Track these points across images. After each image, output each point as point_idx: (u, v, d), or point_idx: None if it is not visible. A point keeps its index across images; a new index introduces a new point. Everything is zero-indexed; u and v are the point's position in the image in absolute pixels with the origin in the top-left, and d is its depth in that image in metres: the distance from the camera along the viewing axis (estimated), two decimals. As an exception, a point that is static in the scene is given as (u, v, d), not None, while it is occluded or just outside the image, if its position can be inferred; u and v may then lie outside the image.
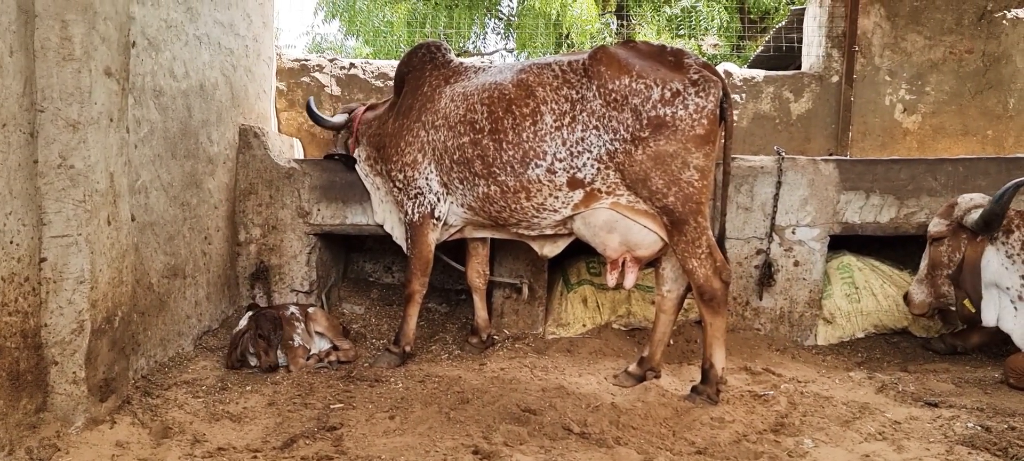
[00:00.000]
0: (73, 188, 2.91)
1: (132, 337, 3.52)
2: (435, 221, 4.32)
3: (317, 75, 6.42)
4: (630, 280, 4.01)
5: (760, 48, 8.40)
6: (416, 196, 4.32)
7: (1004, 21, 6.15)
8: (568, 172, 3.84)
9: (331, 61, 6.51)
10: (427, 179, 4.28)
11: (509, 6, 14.70)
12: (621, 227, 3.91)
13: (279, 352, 4.19)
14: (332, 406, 3.58)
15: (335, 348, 4.39)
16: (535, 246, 4.37)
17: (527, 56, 12.85)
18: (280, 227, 5.06)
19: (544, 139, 3.85)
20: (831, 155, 5.96)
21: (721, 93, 3.67)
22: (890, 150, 6.31)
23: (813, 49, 6.52)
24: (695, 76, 3.65)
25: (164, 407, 3.44)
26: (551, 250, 4.36)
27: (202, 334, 4.54)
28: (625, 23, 13.04)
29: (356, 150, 4.79)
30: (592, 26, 12.08)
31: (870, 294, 4.95)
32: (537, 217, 4.03)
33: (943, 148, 6.29)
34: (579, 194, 3.88)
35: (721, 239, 3.94)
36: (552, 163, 3.85)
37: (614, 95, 3.71)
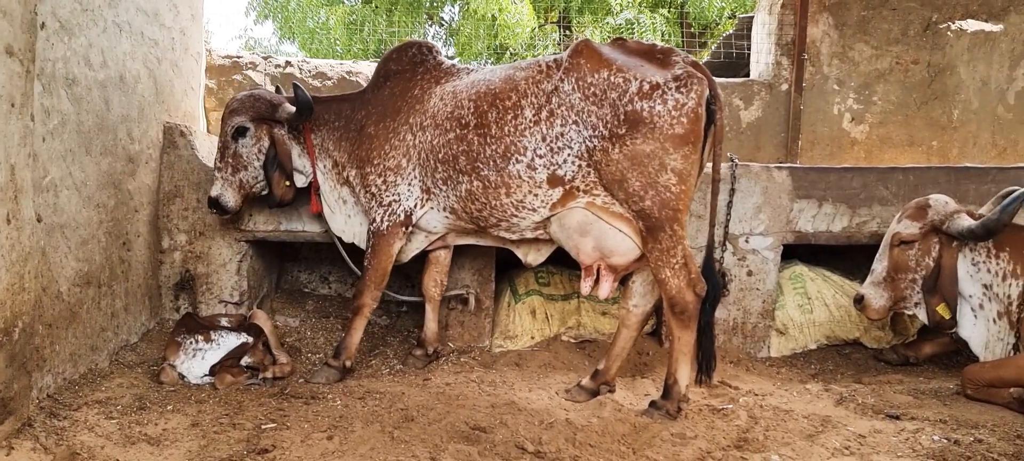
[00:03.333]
0: (-36, 182, 2.56)
1: (36, 351, 3.15)
2: (404, 231, 4.10)
3: (250, 73, 6.08)
4: (605, 290, 3.82)
5: (709, 55, 8.37)
6: (390, 204, 4.08)
7: (949, 32, 6.20)
8: (548, 168, 3.68)
9: (265, 58, 6.20)
10: (409, 185, 4.06)
11: (450, 12, 14.51)
12: (595, 230, 3.73)
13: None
14: (263, 426, 3.26)
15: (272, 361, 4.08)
16: (519, 253, 4.20)
17: (464, 60, 12.67)
18: (208, 233, 4.70)
19: (524, 134, 3.71)
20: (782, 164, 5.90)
21: (706, 92, 3.48)
22: (838, 159, 6.29)
23: (762, 57, 6.47)
24: (678, 71, 3.48)
25: (72, 429, 3.08)
26: (535, 258, 4.20)
27: (119, 349, 4.15)
28: (568, 33, 12.97)
29: (318, 163, 4.34)
30: (525, 31, 11.92)
31: (822, 305, 4.86)
32: (517, 216, 3.85)
33: (889, 158, 6.30)
34: (558, 192, 3.72)
35: (710, 249, 3.79)
36: (532, 159, 3.69)
37: (592, 88, 3.55)
